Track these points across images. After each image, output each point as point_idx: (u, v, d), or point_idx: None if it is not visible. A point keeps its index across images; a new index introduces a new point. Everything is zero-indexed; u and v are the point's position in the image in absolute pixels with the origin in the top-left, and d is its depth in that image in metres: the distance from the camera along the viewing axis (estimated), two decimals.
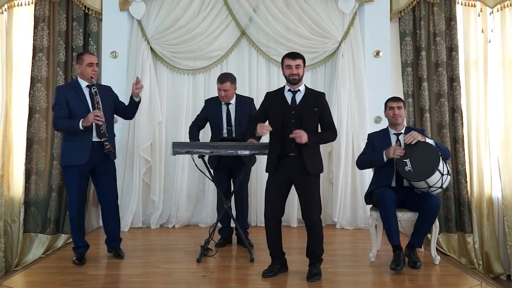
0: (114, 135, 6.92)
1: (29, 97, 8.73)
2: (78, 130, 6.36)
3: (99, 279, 6.03)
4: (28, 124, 8.72)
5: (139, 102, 6.87)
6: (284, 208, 6.03)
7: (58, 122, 6.50)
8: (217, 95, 7.46)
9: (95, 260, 6.73)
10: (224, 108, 7.33)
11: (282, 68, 6.03)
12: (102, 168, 6.69)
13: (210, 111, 7.44)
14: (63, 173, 6.86)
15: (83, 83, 6.60)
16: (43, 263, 7.02)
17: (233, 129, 7.30)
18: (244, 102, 7.47)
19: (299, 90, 5.97)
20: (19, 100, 8.93)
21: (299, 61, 5.94)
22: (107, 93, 6.82)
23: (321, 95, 6.14)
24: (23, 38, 9.00)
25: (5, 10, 8.89)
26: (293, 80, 5.90)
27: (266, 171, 6.04)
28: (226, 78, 7.29)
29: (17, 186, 8.90)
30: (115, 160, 6.89)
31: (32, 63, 8.78)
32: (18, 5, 8.92)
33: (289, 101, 5.94)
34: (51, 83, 8.80)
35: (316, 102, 5.98)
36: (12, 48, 8.92)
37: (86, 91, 6.57)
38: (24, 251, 8.73)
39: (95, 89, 6.54)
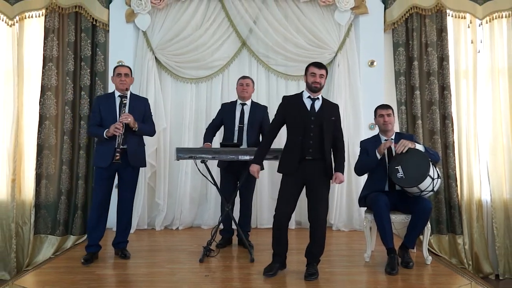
0: (144, 145, 7.06)
1: (40, 105, 8.76)
2: (103, 138, 6.57)
3: (107, 279, 6.06)
4: (39, 131, 8.74)
5: (136, 130, 6.77)
6: (294, 209, 6.08)
7: (89, 129, 7.04)
8: (228, 101, 7.89)
9: (103, 260, 6.75)
10: (239, 107, 7.48)
11: (306, 74, 6.05)
12: (124, 174, 6.80)
13: (225, 111, 7.57)
14: (94, 173, 7.53)
15: (117, 93, 6.79)
16: (53, 263, 7.05)
17: (245, 128, 7.36)
18: (258, 107, 7.60)
19: (318, 98, 6.03)
20: (30, 108, 8.94)
21: (323, 71, 6.00)
22: (139, 104, 6.93)
23: (337, 106, 6.26)
24: (33, 49, 9.02)
25: (17, 22, 8.94)
26: (315, 88, 5.96)
27: (282, 172, 6.05)
28: (247, 76, 7.71)
29: (28, 189, 8.90)
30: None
31: (42, 72, 8.80)
32: (29, 17, 8.96)
33: (309, 108, 5.99)
34: (60, 92, 8.83)
35: (333, 111, 6.10)
36: (23, 58, 8.94)
37: (117, 101, 6.73)
38: (35, 251, 8.73)
39: (125, 101, 6.70)
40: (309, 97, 6.02)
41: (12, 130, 8.81)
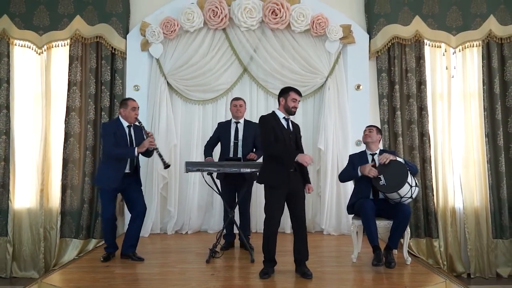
0: (139, 167, 7.08)
1: (65, 123, 8.87)
2: (133, 155, 6.68)
3: (124, 277, 6.10)
4: (64, 147, 8.85)
5: (152, 151, 6.94)
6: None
7: (113, 150, 6.68)
8: (226, 119, 7.96)
9: (121, 261, 6.82)
10: (233, 126, 7.56)
11: (285, 98, 6.06)
12: (132, 192, 6.90)
13: (222, 129, 7.66)
14: (99, 191, 7.31)
15: (125, 123, 6.84)
16: (76, 263, 7.10)
17: (240, 143, 7.46)
18: (251, 124, 7.67)
19: (288, 118, 6.13)
20: (56, 126, 9.03)
21: (300, 98, 6.15)
22: (139, 131, 6.93)
23: (298, 125, 6.42)
24: (59, 74, 9.14)
25: (45, 51, 9.07)
26: (293, 112, 6.11)
27: (274, 184, 5.91)
28: (240, 98, 7.77)
29: (54, 198, 8.97)
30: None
31: (67, 95, 8.93)
32: (55, 46, 9.10)
33: (286, 126, 6.06)
34: (83, 112, 8.96)
35: (299, 130, 6.31)
36: (50, 82, 9.06)
37: (126, 130, 6.82)
38: (61, 253, 8.82)
39: (142, 124, 6.89)
40: (284, 117, 6.10)
41: (40, 146, 8.93)
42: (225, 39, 9.11)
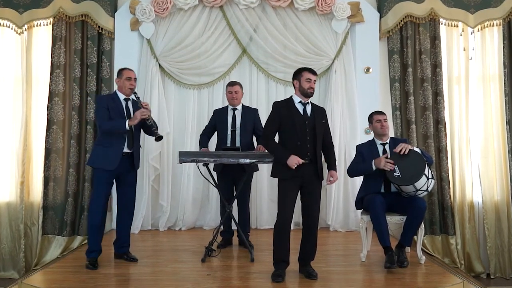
0: (140, 147, 6.85)
1: (47, 110, 8.80)
2: (124, 129, 6.32)
3: (112, 278, 6.05)
4: (47, 135, 8.78)
5: (151, 125, 6.58)
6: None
7: (104, 124, 6.38)
8: (223, 106, 7.89)
9: (108, 260, 6.74)
10: (230, 113, 7.46)
11: (299, 80, 5.93)
12: (127, 178, 6.63)
13: (218, 117, 7.56)
14: (94, 175, 6.90)
15: (121, 96, 6.58)
16: (60, 262, 7.05)
17: (237, 132, 7.37)
18: (249, 110, 7.59)
19: (308, 102, 5.97)
20: (38, 113, 8.98)
21: (316, 77, 5.97)
22: (136, 109, 6.67)
23: (324, 109, 6.18)
24: (41, 56, 9.07)
25: (25, 30, 8.98)
26: (310, 94, 5.89)
27: (281, 177, 5.88)
28: (235, 82, 7.59)
29: (36, 192, 8.94)
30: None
31: (50, 78, 8.84)
32: (37, 25, 9.03)
33: (301, 112, 5.91)
34: (67, 97, 8.88)
35: (323, 115, 6.05)
36: (31, 64, 8.99)
37: (123, 103, 6.56)
38: (43, 251, 8.78)
39: (137, 95, 6.55)
40: (300, 102, 5.96)
41: (21, 134, 8.86)
42: (222, 18, 9.04)
